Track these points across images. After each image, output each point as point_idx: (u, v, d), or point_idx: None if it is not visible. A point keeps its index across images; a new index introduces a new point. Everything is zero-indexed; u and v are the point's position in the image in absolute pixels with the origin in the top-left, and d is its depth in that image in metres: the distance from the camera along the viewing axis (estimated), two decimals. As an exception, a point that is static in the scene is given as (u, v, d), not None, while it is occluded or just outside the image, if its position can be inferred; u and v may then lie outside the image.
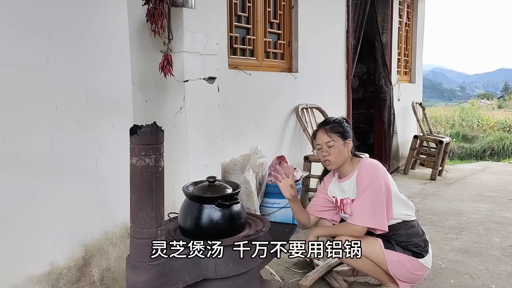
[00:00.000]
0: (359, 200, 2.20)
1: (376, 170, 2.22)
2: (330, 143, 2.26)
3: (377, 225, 2.16)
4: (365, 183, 2.18)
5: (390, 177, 2.29)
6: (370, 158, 2.36)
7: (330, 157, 2.27)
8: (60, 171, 2.08)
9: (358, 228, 2.17)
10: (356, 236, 2.18)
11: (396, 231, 2.25)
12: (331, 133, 2.27)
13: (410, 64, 7.02)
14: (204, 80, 2.85)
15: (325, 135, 2.28)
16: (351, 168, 2.31)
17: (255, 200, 3.21)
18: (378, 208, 2.17)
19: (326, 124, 2.34)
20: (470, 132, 14.82)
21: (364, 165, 2.26)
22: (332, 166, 2.31)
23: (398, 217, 2.27)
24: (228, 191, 1.86)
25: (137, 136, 1.51)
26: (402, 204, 2.30)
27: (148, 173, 1.52)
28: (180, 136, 2.79)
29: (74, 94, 2.12)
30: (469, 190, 5.23)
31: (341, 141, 2.27)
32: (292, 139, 4.28)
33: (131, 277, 1.55)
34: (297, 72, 4.27)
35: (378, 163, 2.28)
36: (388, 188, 2.22)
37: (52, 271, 2.07)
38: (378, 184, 2.18)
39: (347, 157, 2.30)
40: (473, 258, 3.04)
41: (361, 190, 2.19)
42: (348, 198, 2.31)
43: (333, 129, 2.29)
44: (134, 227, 1.55)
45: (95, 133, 2.20)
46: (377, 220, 2.17)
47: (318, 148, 2.33)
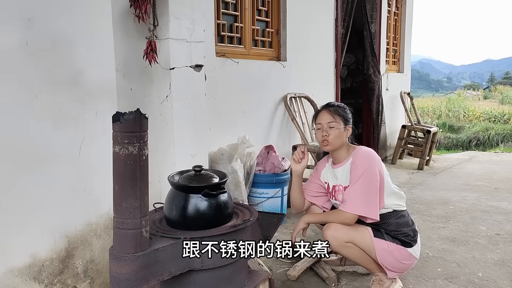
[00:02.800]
0: (352, 187, 2.18)
1: (371, 159, 2.20)
2: (332, 124, 2.25)
3: (369, 213, 2.15)
4: (359, 171, 2.17)
5: (384, 167, 2.27)
6: (365, 146, 2.34)
7: (329, 138, 2.25)
8: (41, 160, 2.01)
9: (349, 216, 2.16)
10: (346, 224, 2.17)
11: (386, 220, 2.24)
12: (335, 114, 2.28)
13: (398, 54, 7.02)
14: (190, 68, 2.79)
15: (328, 115, 2.27)
16: (346, 154, 2.30)
17: (243, 190, 3.17)
18: (371, 197, 2.15)
19: (331, 106, 2.34)
20: (457, 123, 14.95)
21: (359, 153, 2.25)
22: (329, 147, 2.28)
23: (389, 206, 2.26)
24: (215, 180, 1.82)
25: (119, 124, 1.46)
26: (394, 194, 2.29)
27: (131, 161, 1.47)
28: (166, 125, 2.73)
29: (54, 81, 2.04)
30: (456, 180, 5.27)
31: (342, 124, 2.27)
32: (280, 128, 4.25)
33: (115, 269, 1.50)
34: (286, 61, 4.22)
35: (373, 152, 2.27)
36: (382, 177, 2.21)
37: (34, 263, 2.01)
38: (372, 173, 2.16)
39: (344, 142, 2.30)
40: (460, 246, 3.06)
41: (355, 177, 2.17)
42: (340, 185, 2.30)
43: (337, 111, 2.29)
44: (118, 217, 1.50)
45: (77, 122, 2.14)
46: (369, 208, 2.15)
47: (318, 128, 2.31)
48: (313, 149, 3.97)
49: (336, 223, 2.18)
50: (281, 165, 3.40)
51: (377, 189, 2.17)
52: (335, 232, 2.17)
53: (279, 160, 3.43)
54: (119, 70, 2.54)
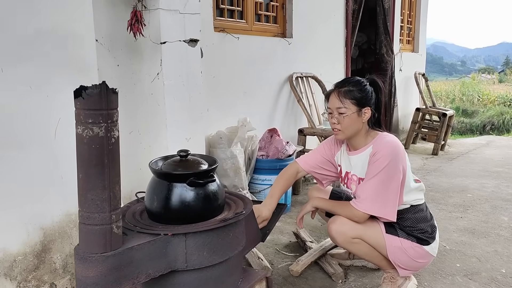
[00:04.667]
0: (368, 182, 1.88)
1: (396, 152, 1.87)
2: (341, 110, 1.89)
3: (384, 214, 1.87)
4: (379, 166, 1.85)
5: (407, 160, 1.96)
6: (390, 134, 1.99)
7: (340, 126, 1.92)
8: (10, 144, 1.78)
9: (359, 214, 1.89)
10: (355, 222, 1.91)
11: (401, 215, 1.97)
12: (344, 98, 1.88)
13: (413, 32, 6.65)
14: (184, 42, 2.53)
15: (337, 100, 1.90)
16: (365, 141, 1.96)
17: (243, 176, 2.93)
18: (388, 196, 1.86)
19: (343, 85, 1.92)
20: (470, 107, 14.60)
21: (382, 142, 1.91)
22: (340, 136, 1.96)
23: (408, 203, 1.99)
24: (203, 167, 1.58)
25: (82, 100, 1.21)
26: (414, 189, 2.01)
27: (97, 145, 1.23)
28: (157, 106, 2.49)
29: (23, 53, 1.80)
30: (473, 165, 4.98)
31: (355, 109, 1.88)
32: (285, 110, 3.98)
33: (80, 271, 1.27)
34: (292, 38, 3.94)
35: (399, 144, 1.92)
36: (404, 174, 1.91)
37: (4, 259, 1.80)
38: (394, 169, 1.85)
39: (360, 128, 1.93)
40: (480, 239, 2.81)
41: (373, 172, 1.86)
42: (354, 174, 2.00)
43: (348, 93, 1.89)
44: (83, 211, 1.27)
45: (51, 101, 1.89)
46: (384, 209, 1.87)
47: (329, 113, 1.97)
48: (321, 133, 3.71)
49: (344, 217, 1.92)
50: (285, 149, 3.15)
51: (397, 188, 1.87)
52: (341, 227, 1.92)
53: (283, 145, 3.18)
54: (103, 44, 2.30)
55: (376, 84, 1.96)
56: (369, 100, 1.92)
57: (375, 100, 1.95)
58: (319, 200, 2.11)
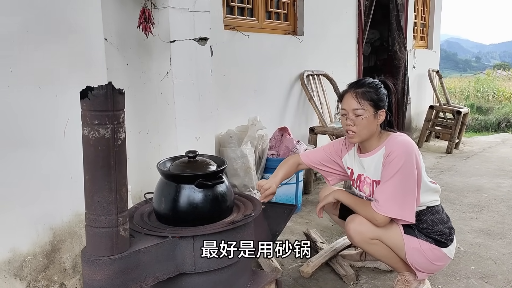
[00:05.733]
0: (385, 185, 1.84)
1: (410, 153, 1.82)
2: (358, 111, 1.83)
3: (403, 216, 1.83)
4: (394, 167, 1.80)
5: (421, 159, 1.91)
6: (402, 134, 1.94)
7: (355, 128, 1.86)
8: (19, 144, 1.78)
9: (379, 218, 1.84)
10: (375, 225, 1.87)
11: (418, 217, 1.91)
12: (362, 99, 1.83)
13: (427, 29, 6.52)
14: (194, 41, 2.51)
15: (354, 101, 1.84)
16: (377, 143, 1.91)
17: (254, 176, 2.90)
18: (406, 197, 1.82)
19: (359, 86, 1.87)
20: (485, 104, 14.33)
21: (395, 143, 1.86)
22: (355, 139, 1.90)
23: (424, 204, 1.94)
24: (211, 168, 1.55)
25: (88, 101, 1.20)
26: (430, 189, 1.96)
27: (103, 147, 1.21)
28: (167, 105, 2.48)
29: (32, 53, 1.79)
30: (489, 164, 4.88)
31: (372, 111, 1.84)
32: (296, 109, 3.94)
33: (87, 274, 1.26)
34: (303, 35, 3.88)
35: (412, 143, 1.88)
36: (419, 174, 1.86)
37: (14, 259, 1.80)
38: (410, 170, 1.81)
39: (375, 131, 1.89)
40: (496, 240, 2.74)
41: (389, 174, 1.82)
42: (367, 177, 1.96)
43: (366, 94, 1.84)
44: (89, 213, 1.26)
45: (60, 101, 1.89)
46: (404, 211, 1.83)
47: (343, 114, 1.90)
48: (332, 132, 3.66)
49: (364, 218, 1.89)
50: (296, 149, 3.12)
51: (414, 188, 1.83)
52: (360, 226, 1.88)
53: (293, 144, 3.15)
54: (113, 43, 2.28)
55: (387, 86, 1.93)
56: (383, 102, 1.89)
57: (387, 102, 1.91)
58: (342, 192, 2.05)
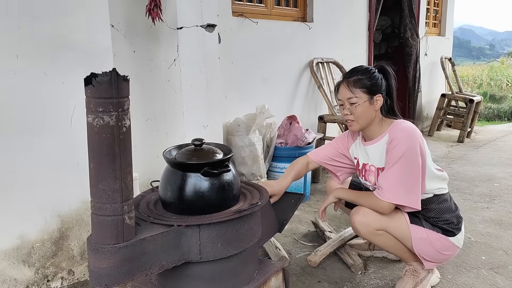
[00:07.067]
0: (389, 171, 1.81)
1: (412, 138, 1.80)
2: (352, 100, 1.84)
3: (409, 202, 1.80)
4: (398, 153, 1.78)
5: (426, 146, 1.89)
6: (405, 120, 1.92)
7: (352, 116, 1.87)
8: (27, 131, 1.79)
9: (384, 205, 1.82)
10: (380, 213, 1.84)
11: (425, 205, 1.89)
12: (354, 87, 1.84)
13: (440, 15, 6.39)
14: (201, 28, 2.48)
15: (347, 90, 1.86)
16: (380, 130, 1.90)
17: (262, 164, 2.89)
18: (411, 183, 1.80)
19: (351, 75, 1.88)
20: (499, 92, 14.06)
21: (398, 129, 1.84)
22: (355, 127, 1.90)
23: (430, 191, 1.91)
24: (218, 156, 1.53)
25: (92, 87, 1.18)
26: (436, 177, 1.93)
27: (108, 134, 1.20)
28: (174, 92, 2.46)
29: (38, 40, 1.78)
30: (501, 154, 4.80)
31: (366, 97, 1.84)
32: (305, 97, 3.89)
33: (93, 262, 1.26)
34: (312, 22, 3.82)
35: (414, 128, 1.85)
36: (424, 159, 1.84)
37: (22, 245, 1.82)
38: (413, 155, 1.78)
39: (374, 117, 1.88)
40: (507, 230, 2.71)
41: (393, 160, 1.80)
42: (372, 165, 1.94)
43: (357, 82, 1.84)
44: (94, 201, 1.25)
45: (67, 88, 1.88)
46: (409, 197, 1.80)
47: (340, 104, 1.92)
48: (342, 120, 3.61)
49: (368, 208, 1.86)
50: (305, 137, 3.09)
51: (419, 174, 1.80)
52: (364, 218, 1.86)
53: (302, 132, 3.12)
54: (120, 30, 2.27)
55: (385, 70, 1.90)
56: (380, 87, 1.86)
57: (385, 86, 1.89)
58: (342, 190, 2.04)
